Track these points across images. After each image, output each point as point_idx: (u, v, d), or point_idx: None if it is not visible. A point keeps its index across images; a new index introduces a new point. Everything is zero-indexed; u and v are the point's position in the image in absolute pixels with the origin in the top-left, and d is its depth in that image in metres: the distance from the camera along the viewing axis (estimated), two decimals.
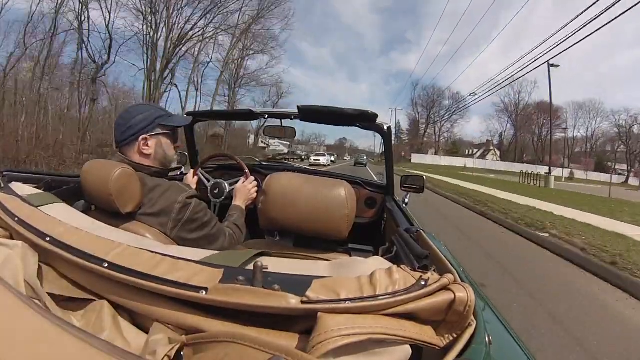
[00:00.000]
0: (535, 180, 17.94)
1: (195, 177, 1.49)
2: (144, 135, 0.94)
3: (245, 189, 1.33)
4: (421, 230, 0.80)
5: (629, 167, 43.33)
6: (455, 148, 56.01)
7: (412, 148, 53.96)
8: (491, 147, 54.56)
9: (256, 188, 1.37)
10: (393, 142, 1.53)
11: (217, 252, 0.57)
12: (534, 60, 14.67)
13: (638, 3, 7.48)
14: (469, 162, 45.79)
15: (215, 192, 1.53)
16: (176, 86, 18.83)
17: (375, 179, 2.61)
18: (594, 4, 9.30)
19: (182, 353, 0.37)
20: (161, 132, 0.97)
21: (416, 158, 48.65)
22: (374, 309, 0.37)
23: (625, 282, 2.90)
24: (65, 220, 0.58)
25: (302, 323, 0.39)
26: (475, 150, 56.65)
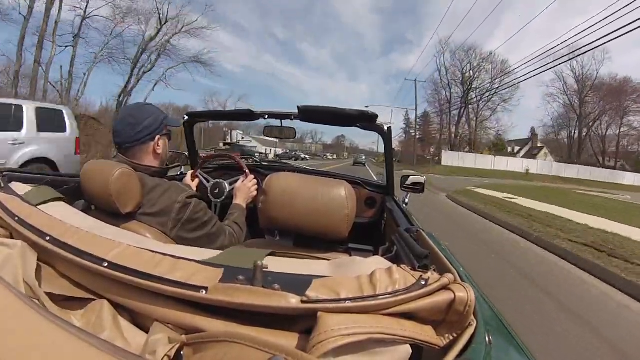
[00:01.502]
0: None
1: (196, 180, 1.49)
2: (158, 136, 0.97)
3: (245, 187, 1.33)
4: (421, 230, 0.80)
5: None
6: (502, 144, 38.45)
7: (430, 143, 36.73)
8: (539, 144, 39.07)
9: (256, 186, 1.37)
10: (404, 137, 1.52)
11: (218, 251, 0.57)
12: None
13: None
14: (530, 165, 30.99)
15: (215, 192, 1.53)
16: None
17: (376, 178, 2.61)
18: None
19: (182, 353, 0.37)
20: (165, 132, 1.01)
21: (449, 158, 30.62)
22: (374, 309, 0.37)
23: None
24: (65, 219, 0.58)
25: (302, 323, 0.39)
26: (517, 148, 40.97)
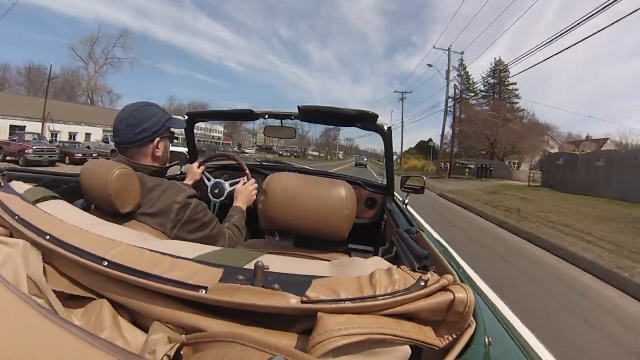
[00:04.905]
0: None
1: (201, 168, 1.48)
2: (158, 138, 0.95)
3: (246, 191, 1.33)
4: (421, 231, 0.80)
5: None
6: None
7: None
8: None
9: (257, 190, 1.37)
10: (459, 114, 1.45)
11: (217, 248, 0.56)
12: None
13: None
14: None
15: (215, 191, 1.53)
16: None
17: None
18: None
19: (181, 352, 0.37)
20: (167, 134, 0.99)
21: None
22: (373, 309, 0.37)
23: None
24: (65, 218, 0.58)
25: (302, 323, 0.39)
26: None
